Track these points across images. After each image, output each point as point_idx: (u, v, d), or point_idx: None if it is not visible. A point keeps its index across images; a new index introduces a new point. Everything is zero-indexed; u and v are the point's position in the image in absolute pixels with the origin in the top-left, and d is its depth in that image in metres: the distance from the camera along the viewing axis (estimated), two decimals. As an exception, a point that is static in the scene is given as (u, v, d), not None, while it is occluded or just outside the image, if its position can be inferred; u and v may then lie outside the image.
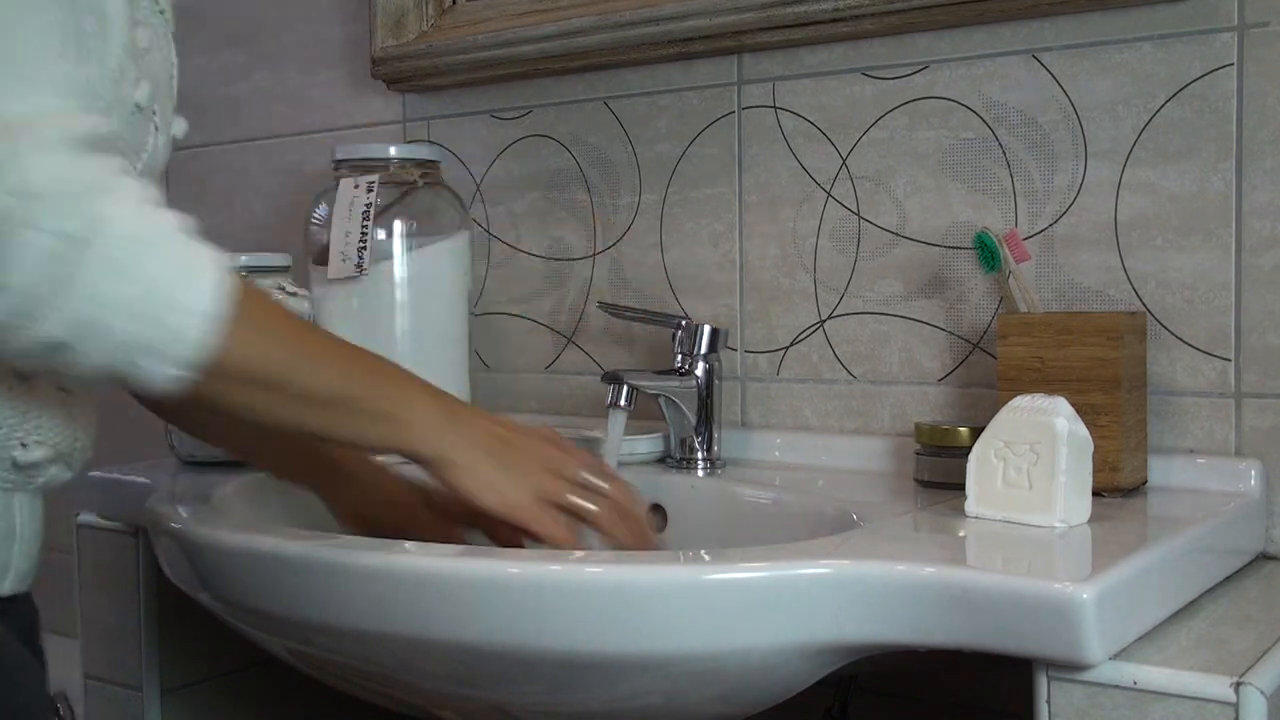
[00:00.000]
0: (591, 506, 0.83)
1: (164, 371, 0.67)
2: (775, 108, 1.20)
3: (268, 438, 0.82)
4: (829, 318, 1.18)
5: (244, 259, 1.24)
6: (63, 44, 0.67)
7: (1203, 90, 1.01)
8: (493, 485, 0.79)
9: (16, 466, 0.77)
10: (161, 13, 0.82)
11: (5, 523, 0.78)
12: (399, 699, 0.92)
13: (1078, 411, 0.86)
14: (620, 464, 1.10)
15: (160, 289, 0.65)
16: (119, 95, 0.74)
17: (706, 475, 1.12)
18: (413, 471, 0.84)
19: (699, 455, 1.13)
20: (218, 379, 0.69)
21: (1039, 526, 0.83)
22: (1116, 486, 0.94)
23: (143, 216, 0.65)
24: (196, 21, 1.59)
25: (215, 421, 0.90)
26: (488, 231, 1.39)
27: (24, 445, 0.76)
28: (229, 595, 0.88)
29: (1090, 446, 0.86)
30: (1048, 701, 0.70)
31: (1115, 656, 0.70)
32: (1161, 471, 1.00)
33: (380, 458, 0.94)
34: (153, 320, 0.65)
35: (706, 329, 1.13)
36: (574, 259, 1.34)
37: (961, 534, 0.85)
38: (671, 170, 1.27)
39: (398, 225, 1.25)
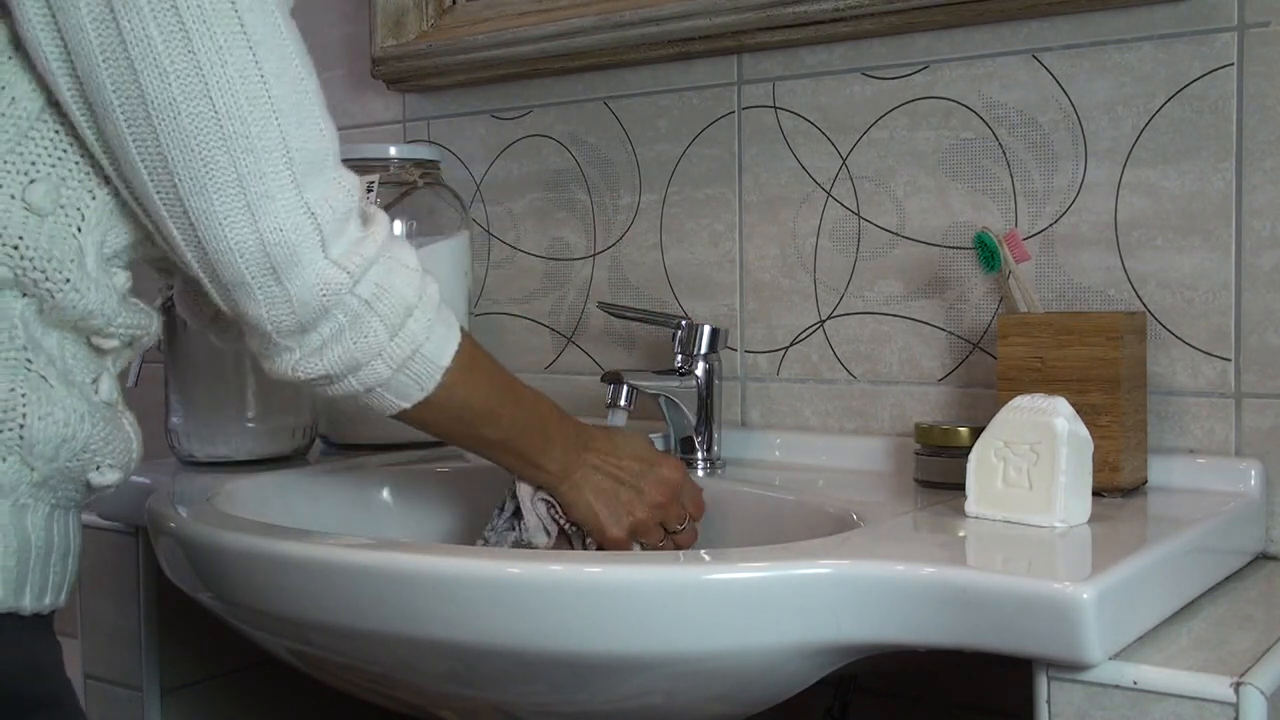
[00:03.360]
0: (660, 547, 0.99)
1: (398, 404, 0.83)
2: (775, 108, 1.20)
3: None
4: (829, 318, 1.18)
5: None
6: (323, 105, 0.78)
7: (1203, 90, 1.01)
8: (594, 519, 0.94)
9: (90, 488, 0.80)
10: None
11: (64, 540, 0.80)
12: (399, 699, 0.92)
13: (1078, 411, 0.86)
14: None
15: (425, 353, 0.81)
16: None
17: (707, 475, 1.12)
18: None
19: (699, 455, 1.13)
20: (429, 409, 0.84)
21: (1039, 526, 0.83)
22: (1116, 486, 0.94)
23: (417, 286, 0.80)
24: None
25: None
26: (488, 231, 1.39)
27: (99, 468, 0.79)
28: (229, 595, 0.88)
29: (1090, 446, 0.86)
30: (1048, 701, 0.71)
31: (1115, 656, 0.70)
32: (1161, 471, 1.00)
33: None
34: (414, 374, 0.82)
35: (706, 329, 1.13)
36: (574, 259, 1.34)
37: (961, 534, 0.85)
38: (671, 170, 1.27)
39: (398, 225, 1.25)
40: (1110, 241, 1.05)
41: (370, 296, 0.78)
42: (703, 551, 0.77)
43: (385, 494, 1.15)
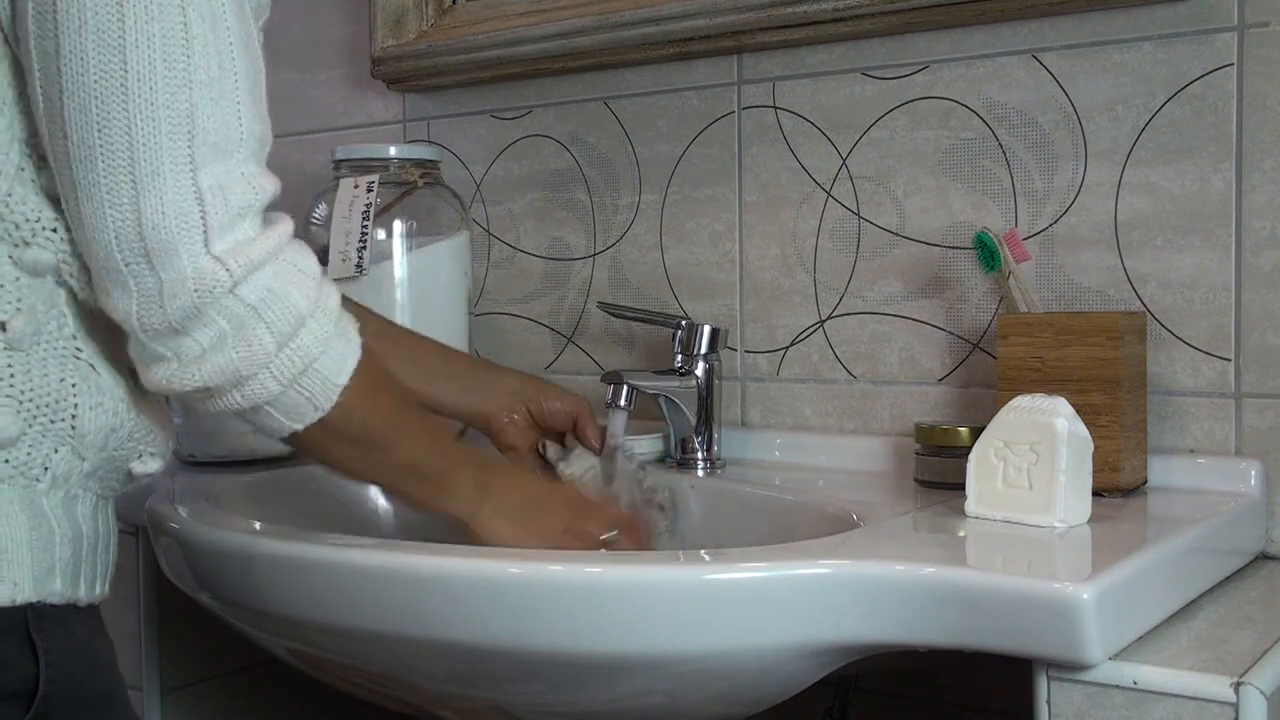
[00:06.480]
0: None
1: (288, 425, 0.75)
2: (775, 108, 1.20)
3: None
4: (829, 318, 1.18)
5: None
6: (256, 97, 0.72)
7: (1203, 90, 1.01)
8: (507, 539, 0.87)
9: (131, 477, 0.80)
10: None
11: (106, 529, 0.80)
12: (399, 699, 0.92)
13: (1078, 411, 0.86)
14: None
15: (319, 369, 0.74)
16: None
17: (706, 475, 1.12)
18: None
19: (699, 455, 1.13)
20: (325, 432, 0.77)
21: (1039, 526, 0.83)
22: (1116, 486, 0.94)
23: (312, 295, 0.73)
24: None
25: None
26: (488, 231, 1.39)
27: (140, 457, 0.79)
28: (229, 595, 0.88)
29: (1090, 446, 0.86)
30: (1048, 701, 0.71)
31: (1115, 656, 0.70)
32: (1161, 471, 1.00)
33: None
34: (307, 392, 0.74)
35: (706, 329, 1.13)
36: (574, 259, 1.34)
37: (961, 534, 0.85)
38: (671, 170, 1.27)
39: (398, 225, 1.25)
40: (1110, 241, 1.05)
41: (257, 302, 0.70)
42: (703, 551, 0.77)
43: (385, 494, 1.15)
